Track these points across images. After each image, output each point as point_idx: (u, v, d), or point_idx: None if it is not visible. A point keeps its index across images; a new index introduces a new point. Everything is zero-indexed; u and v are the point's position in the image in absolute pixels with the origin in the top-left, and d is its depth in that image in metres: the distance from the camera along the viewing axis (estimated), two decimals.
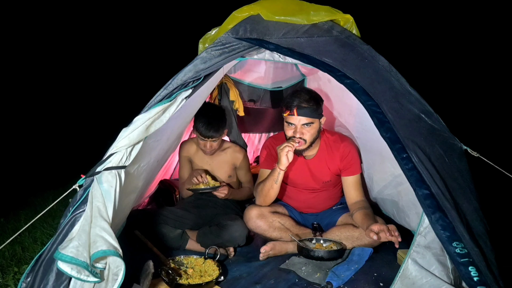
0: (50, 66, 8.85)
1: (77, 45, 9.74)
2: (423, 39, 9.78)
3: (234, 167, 2.67)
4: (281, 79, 3.44)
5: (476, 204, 1.42)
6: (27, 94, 7.84)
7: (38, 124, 7.35)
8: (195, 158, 2.63)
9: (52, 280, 1.37)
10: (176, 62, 2.33)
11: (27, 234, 2.74)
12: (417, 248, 1.55)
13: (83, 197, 1.49)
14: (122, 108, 5.11)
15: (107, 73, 9.76)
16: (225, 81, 3.05)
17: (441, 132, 1.58)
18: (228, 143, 2.72)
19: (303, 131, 2.09)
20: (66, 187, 1.60)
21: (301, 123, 2.08)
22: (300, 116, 2.06)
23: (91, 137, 6.49)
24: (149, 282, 1.68)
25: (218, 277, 1.81)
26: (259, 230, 2.24)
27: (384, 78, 1.71)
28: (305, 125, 2.09)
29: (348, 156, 2.27)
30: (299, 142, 2.09)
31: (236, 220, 2.26)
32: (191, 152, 2.64)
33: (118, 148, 1.56)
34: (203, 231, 2.26)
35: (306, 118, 2.07)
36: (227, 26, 1.95)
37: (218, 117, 2.45)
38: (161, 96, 1.68)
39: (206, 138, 2.40)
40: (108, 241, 1.35)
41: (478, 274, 1.20)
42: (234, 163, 2.65)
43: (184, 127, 2.57)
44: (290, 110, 2.07)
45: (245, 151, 2.73)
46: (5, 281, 2.05)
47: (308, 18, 1.91)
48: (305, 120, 2.07)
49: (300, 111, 2.05)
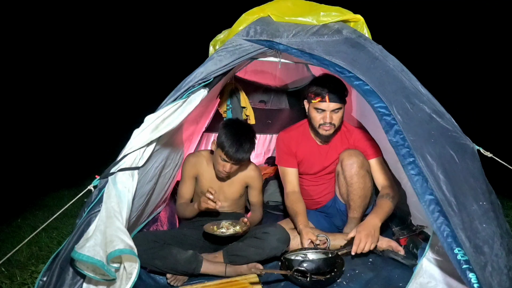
0: (68, 67, 9.03)
1: (96, 47, 9.91)
2: (436, 38, 9.64)
3: (246, 186, 2.38)
4: (291, 80, 3.45)
5: (488, 205, 1.40)
6: (44, 95, 7.99)
7: (54, 125, 7.49)
8: (204, 175, 2.30)
9: (68, 278, 1.40)
10: (188, 64, 2.34)
11: (43, 234, 2.80)
12: (433, 247, 1.55)
13: (98, 198, 1.51)
14: (135, 108, 5.18)
15: (124, 75, 9.91)
16: (236, 86, 3.05)
17: (452, 133, 1.56)
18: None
19: (333, 116, 2.12)
20: (81, 188, 1.63)
21: (331, 109, 2.11)
22: (331, 102, 2.08)
23: (105, 137, 6.58)
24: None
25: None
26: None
27: (395, 79, 1.69)
28: (334, 110, 2.12)
29: (361, 140, 2.30)
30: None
31: (277, 227, 2.02)
32: (199, 169, 2.31)
33: (131, 149, 1.59)
34: (237, 247, 1.96)
35: (336, 103, 2.10)
36: (237, 28, 1.97)
37: (249, 137, 2.15)
38: (173, 97, 1.70)
39: (232, 159, 2.07)
40: (125, 241, 1.38)
41: (478, 281, 1.20)
42: (247, 181, 2.36)
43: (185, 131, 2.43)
44: (321, 96, 2.09)
45: (259, 169, 2.43)
46: (23, 280, 2.11)
47: (318, 18, 1.92)
48: (336, 106, 2.10)
49: (331, 97, 2.07)
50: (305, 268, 1.72)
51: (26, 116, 7.22)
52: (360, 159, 2.17)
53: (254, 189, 2.38)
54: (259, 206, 2.43)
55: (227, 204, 2.35)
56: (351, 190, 2.18)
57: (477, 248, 1.28)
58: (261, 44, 1.87)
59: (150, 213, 2.31)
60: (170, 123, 1.67)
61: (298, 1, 2.05)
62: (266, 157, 4.03)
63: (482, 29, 8.91)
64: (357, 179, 2.16)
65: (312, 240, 1.96)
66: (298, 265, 1.75)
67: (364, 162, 2.19)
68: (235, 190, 2.34)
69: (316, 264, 1.78)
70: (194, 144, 3.08)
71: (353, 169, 2.16)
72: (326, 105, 2.09)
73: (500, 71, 8.14)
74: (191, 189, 2.33)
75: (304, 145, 2.35)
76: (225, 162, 2.09)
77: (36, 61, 8.16)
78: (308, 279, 1.69)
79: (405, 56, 2.06)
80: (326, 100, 2.07)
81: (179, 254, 1.86)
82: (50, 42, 8.81)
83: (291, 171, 2.36)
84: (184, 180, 2.32)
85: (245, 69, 3.07)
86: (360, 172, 2.16)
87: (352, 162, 2.16)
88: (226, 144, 2.03)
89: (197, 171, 2.31)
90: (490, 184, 1.50)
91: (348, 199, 2.23)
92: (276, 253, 1.95)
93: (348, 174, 2.17)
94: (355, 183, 2.16)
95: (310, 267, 1.74)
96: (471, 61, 8.68)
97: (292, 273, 1.73)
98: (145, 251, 1.78)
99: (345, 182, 2.20)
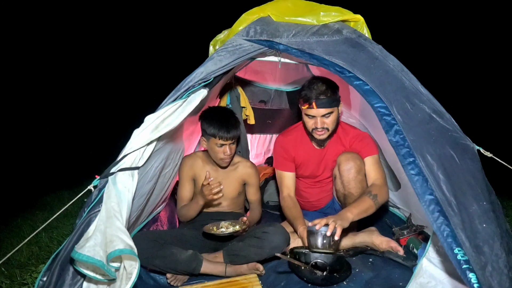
0: (68, 68, 9.04)
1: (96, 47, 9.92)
2: (436, 38, 9.65)
3: (244, 184, 2.41)
4: (291, 80, 3.45)
5: (488, 205, 1.40)
6: (45, 96, 8.00)
7: (54, 125, 7.49)
8: (201, 176, 2.29)
9: (68, 278, 1.40)
10: (188, 64, 2.34)
11: (43, 234, 2.80)
12: (433, 247, 1.55)
13: (98, 198, 1.51)
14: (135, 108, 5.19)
15: (124, 75, 9.92)
16: (236, 86, 3.05)
17: (452, 133, 1.56)
18: (238, 157, 2.45)
19: (324, 121, 2.07)
20: (81, 188, 1.63)
21: (321, 114, 2.05)
22: (319, 108, 2.02)
23: (105, 137, 6.58)
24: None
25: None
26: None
27: (395, 79, 1.69)
28: (325, 115, 2.06)
29: (357, 140, 2.24)
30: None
31: (276, 226, 2.03)
32: (195, 169, 2.33)
33: (131, 149, 1.59)
34: (237, 247, 1.98)
35: (325, 109, 2.03)
36: (237, 28, 1.97)
37: (230, 114, 2.26)
38: (173, 97, 1.70)
39: (228, 140, 2.14)
40: (125, 241, 1.38)
41: (478, 281, 1.20)
42: (245, 179, 2.39)
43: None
44: (308, 103, 2.03)
45: (256, 167, 2.47)
46: (23, 280, 2.11)
47: (318, 18, 1.92)
48: (325, 111, 2.04)
49: (319, 103, 2.01)
50: (324, 262, 1.75)
51: (26, 116, 7.23)
52: (357, 163, 2.14)
53: (251, 186, 2.40)
54: (258, 204, 2.44)
55: (226, 203, 2.35)
56: (348, 194, 2.16)
57: (477, 248, 1.29)
58: (261, 44, 1.87)
59: (149, 212, 2.31)
60: (170, 123, 1.67)
61: (298, 1, 2.04)
62: (266, 157, 4.03)
63: (482, 28, 8.91)
64: (354, 184, 2.13)
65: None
66: (315, 259, 1.77)
67: (361, 167, 2.15)
68: (233, 188, 2.35)
69: (333, 260, 1.84)
70: (194, 144, 3.07)
71: (351, 174, 2.13)
72: (315, 111, 2.04)
73: (500, 71, 8.14)
74: (191, 191, 2.33)
75: (302, 149, 2.32)
76: (223, 146, 2.16)
77: (36, 62, 8.17)
78: (324, 273, 1.70)
79: (405, 56, 2.06)
80: (313, 106, 2.02)
81: (179, 254, 1.87)
82: (50, 43, 8.82)
83: (288, 175, 2.33)
84: (183, 183, 2.32)
85: (245, 69, 3.06)
86: (358, 177, 2.13)
87: (349, 167, 2.13)
88: (216, 130, 2.12)
89: (194, 173, 2.32)
90: (490, 184, 1.50)
91: (344, 203, 2.21)
92: (276, 252, 1.93)
93: (345, 179, 2.15)
94: (352, 188, 2.14)
95: (328, 262, 1.78)
96: (471, 61, 8.68)
97: (309, 266, 1.73)
98: (145, 250, 1.79)
99: (342, 186, 2.18)
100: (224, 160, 2.22)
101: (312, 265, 1.75)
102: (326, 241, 1.74)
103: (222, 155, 2.18)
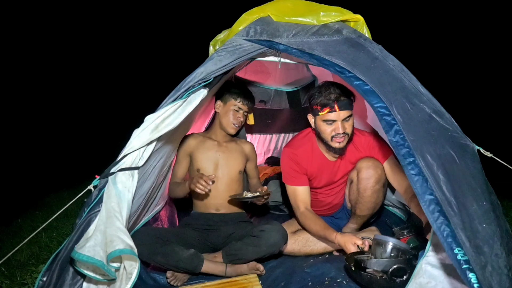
0: (69, 68, 9.04)
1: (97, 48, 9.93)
2: (436, 38, 9.65)
3: (246, 160, 2.47)
4: (291, 80, 3.46)
5: (488, 205, 1.40)
6: (45, 96, 8.00)
7: (54, 125, 7.49)
8: (198, 151, 2.34)
9: (68, 278, 1.40)
10: (188, 64, 2.34)
11: (43, 234, 2.80)
12: (433, 247, 1.55)
13: (98, 198, 1.51)
14: (135, 108, 5.19)
15: (124, 75, 9.93)
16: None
17: (452, 133, 1.56)
18: (234, 137, 2.52)
19: (345, 125, 1.97)
20: (81, 188, 1.63)
21: (342, 118, 1.95)
22: (342, 110, 1.93)
23: (105, 137, 6.59)
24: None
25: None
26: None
27: (395, 79, 1.69)
28: (345, 119, 1.97)
29: (373, 145, 2.17)
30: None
31: (273, 224, 2.03)
32: (192, 145, 2.36)
33: (131, 149, 1.59)
34: (235, 247, 1.99)
35: (347, 111, 1.95)
36: (237, 28, 1.97)
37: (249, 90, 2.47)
38: (173, 97, 1.70)
39: (245, 105, 2.33)
40: (125, 241, 1.38)
41: (478, 281, 1.20)
42: (247, 154, 2.46)
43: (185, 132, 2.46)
44: (329, 106, 1.93)
45: (253, 145, 2.58)
46: (23, 280, 2.11)
47: (318, 18, 1.91)
48: (346, 114, 1.96)
49: (340, 105, 1.92)
50: (405, 267, 1.64)
51: (26, 116, 7.23)
52: (378, 173, 2.06)
53: (252, 161, 2.52)
54: (257, 178, 2.59)
55: (225, 180, 2.34)
56: (362, 201, 2.12)
57: (477, 248, 1.28)
58: (261, 44, 1.87)
59: (149, 211, 2.31)
60: (170, 123, 1.67)
61: (298, 1, 2.04)
62: (266, 157, 4.03)
63: (482, 28, 8.91)
64: (371, 193, 2.08)
65: (358, 244, 1.83)
66: (394, 265, 1.64)
67: (382, 176, 2.07)
68: (237, 163, 2.40)
69: (408, 265, 1.68)
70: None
71: (369, 184, 2.06)
72: (336, 114, 1.94)
73: (500, 71, 8.14)
74: (185, 168, 2.39)
75: (315, 162, 2.19)
76: (240, 111, 2.34)
77: (37, 62, 8.18)
78: (404, 277, 1.62)
79: (405, 56, 2.06)
80: (335, 109, 1.92)
81: (181, 252, 1.89)
82: (50, 43, 8.82)
83: (303, 189, 2.18)
84: (179, 159, 2.38)
85: (245, 69, 3.07)
86: (375, 187, 2.07)
87: (369, 176, 2.06)
88: (238, 94, 2.33)
89: (192, 149, 2.37)
90: (490, 184, 1.50)
91: (355, 207, 2.18)
92: (274, 250, 1.96)
93: (362, 186, 2.09)
94: (368, 197, 2.09)
95: (407, 267, 1.66)
96: (471, 61, 8.68)
97: (389, 275, 1.62)
98: (148, 246, 1.82)
99: (357, 192, 2.12)
100: (234, 126, 2.35)
101: (394, 271, 1.63)
102: (394, 254, 1.72)
103: (235, 120, 2.33)
